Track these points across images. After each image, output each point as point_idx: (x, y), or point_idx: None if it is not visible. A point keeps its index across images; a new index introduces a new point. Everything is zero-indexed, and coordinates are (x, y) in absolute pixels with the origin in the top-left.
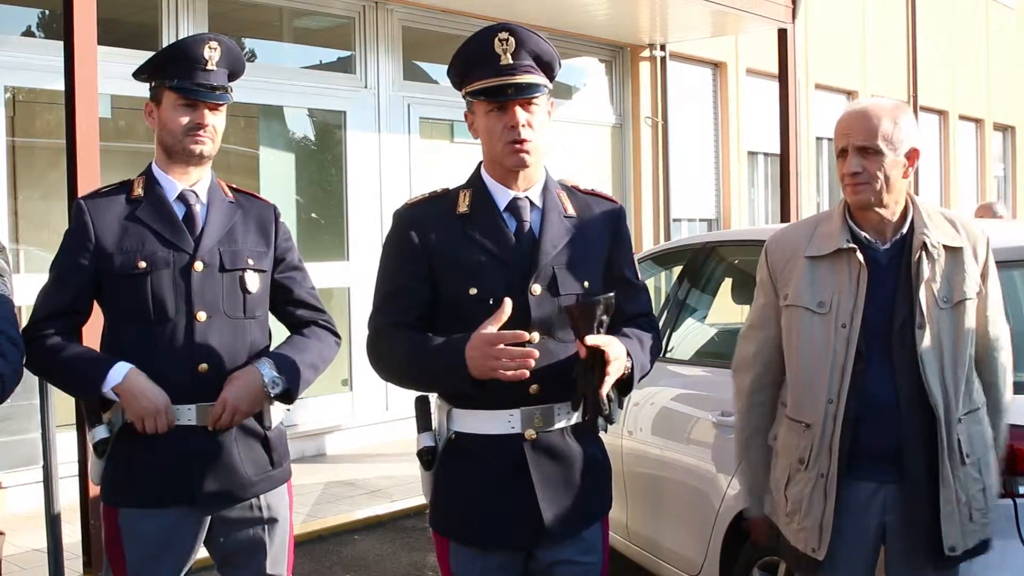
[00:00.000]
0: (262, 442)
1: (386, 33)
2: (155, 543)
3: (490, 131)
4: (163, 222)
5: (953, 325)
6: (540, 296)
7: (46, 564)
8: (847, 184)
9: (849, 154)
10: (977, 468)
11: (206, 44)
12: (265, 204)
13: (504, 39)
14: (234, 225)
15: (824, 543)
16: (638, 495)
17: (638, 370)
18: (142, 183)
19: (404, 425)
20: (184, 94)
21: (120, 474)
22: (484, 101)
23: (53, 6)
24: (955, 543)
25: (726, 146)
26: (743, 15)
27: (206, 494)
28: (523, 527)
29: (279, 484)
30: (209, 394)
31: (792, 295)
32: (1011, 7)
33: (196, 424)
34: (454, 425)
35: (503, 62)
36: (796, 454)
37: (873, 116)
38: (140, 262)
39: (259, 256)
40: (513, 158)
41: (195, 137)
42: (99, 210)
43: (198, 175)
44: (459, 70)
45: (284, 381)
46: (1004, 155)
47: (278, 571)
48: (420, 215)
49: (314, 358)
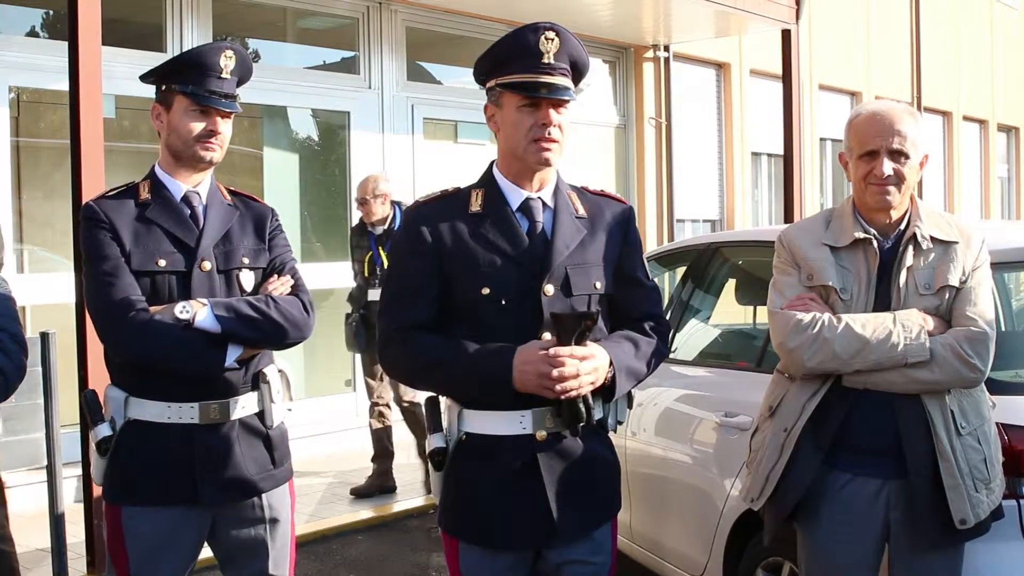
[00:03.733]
0: (264, 441)
1: (390, 33)
2: (157, 541)
3: (518, 125)
4: (175, 223)
5: (934, 311)
6: (553, 296)
7: (50, 563)
8: (873, 185)
9: (881, 157)
10: (976, 438)
11: (223, 53)
12: (263, 206)
13: (551, 38)
14: (232, 226)
15: (765, 494)
16: (642, 496)
17: (623, 375)
18: (148, 186)
19: (406, 426)
20: (198, 101)
21: (122, 472)
22: (517, 95)
23: (58, 6)
24: (965, 515)
25: (730, 147)
26: (747, 16)
27: (208, 491)
28: (534, 527)
29: (280, 483)
30: (210, 392)
31: (817, 276)
32: (1016, 8)
33: (199, 422)
34: (465, 426)
35: (545, 60)
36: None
37: (902, 119)
38: (160, 260)
39: (255, 254)
40: (538, 155)
41: (206, 144)
42: (112, 210)
43: (200, 178)
44: (494, 60)
45: None
46: (1008, 156)
47: (280, 572)
48: (432, 213)
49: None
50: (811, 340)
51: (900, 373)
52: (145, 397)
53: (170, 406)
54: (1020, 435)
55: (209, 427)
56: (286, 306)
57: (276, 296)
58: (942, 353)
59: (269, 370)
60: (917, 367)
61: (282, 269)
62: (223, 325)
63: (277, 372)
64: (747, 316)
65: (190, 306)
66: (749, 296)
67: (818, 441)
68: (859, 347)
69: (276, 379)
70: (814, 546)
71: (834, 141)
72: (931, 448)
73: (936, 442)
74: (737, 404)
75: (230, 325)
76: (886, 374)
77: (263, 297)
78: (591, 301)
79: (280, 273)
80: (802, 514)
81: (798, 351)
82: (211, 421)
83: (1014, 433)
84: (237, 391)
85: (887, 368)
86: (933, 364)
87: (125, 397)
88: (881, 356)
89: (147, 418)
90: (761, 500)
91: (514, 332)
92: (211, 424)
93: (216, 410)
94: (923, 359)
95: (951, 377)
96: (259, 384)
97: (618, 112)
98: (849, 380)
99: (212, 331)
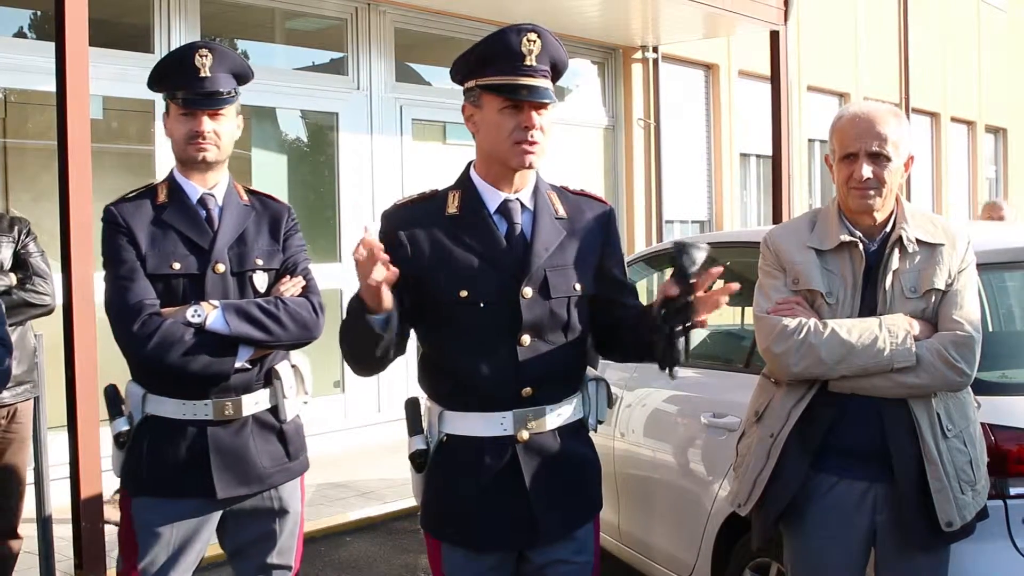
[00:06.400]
0: (278, 435)
1: (378, 35)
2: (167, 534)
3: (499, 127)
4: (189, 226)
5: (920, 314)
6: (532, 299)
7: (37, 566)
8: (854, 189)
9: (860, 159)
10: (961, 440)
11: (196, 52)
12: (280, 206)
13: (532, 40)
14: (247, 227)
15: (752, 500)
16: (630, 497)
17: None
18: (166, 189)
19: (396, 427)
20: (179, 103)
21: (138, 465)
22: (498, 97)
23: (45, 7)
24: (951, 518)
25: (718, 148)
26: (735, 17)
27: (222, 485)
28: (516, 528)
29: (295, 476)
30: (223, 390)
31: (803, 280)
32: (1002, 9)
33: (213, 418)
34: (445, 427)
35: (527, 62)
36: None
37: (883, 121)
38: (175, 263)
39: (269, 255)
40: (520, 158)
41: (196, 144)
42: (130, 214)
43: (215, 179)
44: (475, 61)
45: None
46: (996, 157)
47: (285, 561)
48: (409, 216)
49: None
50: (797, 346)
51: (886, 378)
52: (161, 394)
53: (185, 403)
54: (1006, 435)
55: (223, 423)
56: (295, 308)
57: (286, 298)
58: (928, 358)
59: (282, 367)
60: (904, 372)
61: (295, 270)
62: (232, 327)
63: (290, 368)
64: (735, 317)
65: (201, 308)
66: (737, 297)
67: (805, 446)
68: (845, 353)
69: (289, 375)
70: (801, 549)
71: (822, 142)
72: (917, 451)
73: (922, 445)
74: (725, 405)
75: (239, 327)
76: (872, 379)
77: (273, 299)
78: (570, 303)
79: (292, 274)
80: (789, 517)
81: (784, 357)
82: (225, 417)
83: (1000, 433)
84: (250, 388)
85: (873, 373)
86: (920, 369)
87: (143, 393)
88: (867, 361)
89: (163, 414)
90: (748, 505)
91: (493, 334)
92: (225, 420)
93: (230, 406)
94: (909, 364)
95: (938, 382)
96: (272, 380)
97: (606, 113)
98: (835, 385)
99: (222, 333)
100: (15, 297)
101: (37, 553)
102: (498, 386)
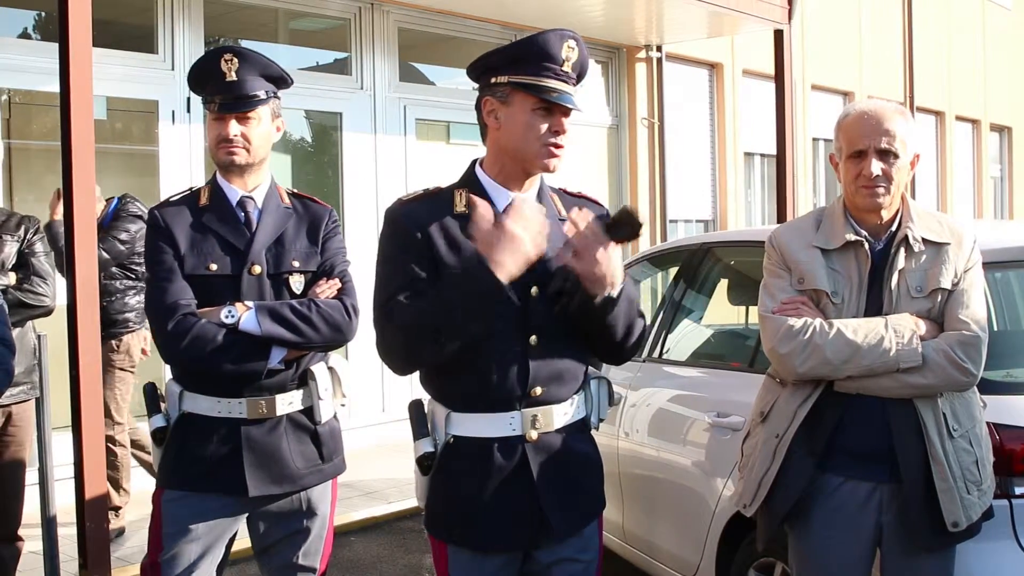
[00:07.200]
0: (312, 436)
1: (382, 34)
2: (191, 526)
3: (531, 128)
4: (227, 228)
5: (926, 314)
6: (536, 297)
7: (42, 566)
8: (863, 187)
9: (869, 156)
10: (967, 440)
11: (221, 58)
12: (320, 208)
13: (572, 47)
14: (286, 230)
15: (758, 500)
16: (634, 496)
17: (626, 293)
18: (208, 192)
19: (400, 427)
20: (210, 109)
21: (172, 460)
22: (532, 97)
23: (49, 8)
24: (957, 518)
25: (722, 147)
26: (739, 16)
27: (254, 484)
28: (524, 528)
29: (328, 479)
30: (257, 389)
31: (808, 280)
32: (1007, 7)
33: (247, 417)
34: (452, 429)
35: (564, 68)
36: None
37: (891, 118)
38: (211, 264)
39: (306, 257)
40: (546, 161)
41: (226, 149)
42: (171, 217)
43: (255, 181)
44: (511, 57)
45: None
46: (1000, 156)
47: (311, 563)
48: (417, 212)
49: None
50: (802, 346)
51: (893, 378)
52: (197, 391)
53: (219, 401)
54: (1011, 435)
55: (257, 422)
56: (328, 310)
57: (320, 300)
58: (935, 358)
59: (317, 368)
60: (910, 372)
61: (331, 271)
62: (263, 328)
63: (326, 369)
64: (739, 316)
65: (235, 309)
66: (741, 296)
67: (810, 447)
68: (851, 353)
69: (325, 377)
70: (806, 549)
71: (826, 141)
72: (923, 451)
73: (928, 445)
74: (729, 404)
75: (270, 328)
76: (878, 379)
77: (306, 301)
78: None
79: (329, 276)
80: (794, 517)
81: (789, 357)
82: (259, 416)
83: (1005, 433)
84: (284, 388)
85: (879, 373)
86: (926, 369)
87: (180, 391)
88: (873, 362)
89: (199, 411)
90: (754, 506)
91: (504, 334)
92: (259, 419)
93: (263, 405)
94: (915, 364)
95: (944, 381)
96: (307, 381)
97: (611, 113)
98: (841, 385)
99: (255, 334)
100: (10, 297)
101: (42, 553)
102: (508, 386)
